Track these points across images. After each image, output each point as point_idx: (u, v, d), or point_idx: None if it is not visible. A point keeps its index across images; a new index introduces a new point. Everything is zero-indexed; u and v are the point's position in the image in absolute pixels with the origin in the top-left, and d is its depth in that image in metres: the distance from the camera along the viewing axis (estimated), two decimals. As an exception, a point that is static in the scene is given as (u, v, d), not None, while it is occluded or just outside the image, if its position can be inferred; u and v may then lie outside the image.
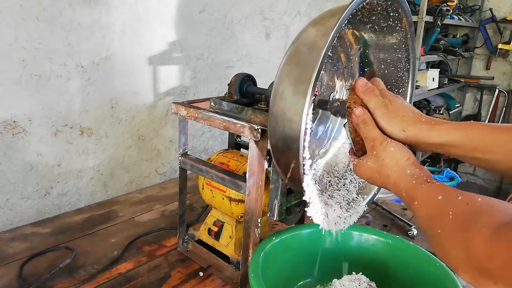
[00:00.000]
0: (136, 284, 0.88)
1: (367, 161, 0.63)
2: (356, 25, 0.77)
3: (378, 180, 0.62)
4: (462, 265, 0.44)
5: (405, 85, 0.81)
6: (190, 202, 1.28)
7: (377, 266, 0.81)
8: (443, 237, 0.47)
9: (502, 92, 3.90)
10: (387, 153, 0.60)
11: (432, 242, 0.50)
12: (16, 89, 1.05)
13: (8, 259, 0.94)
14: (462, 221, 0.45)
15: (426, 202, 0.53)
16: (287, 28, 1.96)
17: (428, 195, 0.53)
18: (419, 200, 0.54)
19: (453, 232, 0.46)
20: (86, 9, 1.14)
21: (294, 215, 0.83)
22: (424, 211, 0.53)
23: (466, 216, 0.45)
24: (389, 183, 0.60)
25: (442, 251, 0.48)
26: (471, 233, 0.42)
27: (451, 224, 0.46)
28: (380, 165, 0.61)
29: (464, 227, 0.44)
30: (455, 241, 0.45)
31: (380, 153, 0.61)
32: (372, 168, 0.62)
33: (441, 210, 0.49)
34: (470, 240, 0.42)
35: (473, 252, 0.41)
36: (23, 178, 1.12)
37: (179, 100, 1.20)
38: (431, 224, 0.50)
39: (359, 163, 0.65)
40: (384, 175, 0.60)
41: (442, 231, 0.47)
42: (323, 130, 0.87)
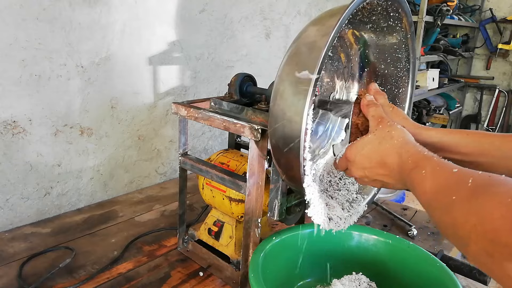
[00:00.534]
0: (136, 284, 0.88)
1: (367, 136, 0.60)
2: (356, 25, 0.77)
3: (375, 155, 0.58)
4: (475, 235, 0.39)
5: (405, 85, 0.81)
6: (190, 202, 1.28)
7: (377, 266, 0.81)
8: (458, 204, 0.42)
9: (502, 92, 3.91)
10: (394, 127, 0.58)
11: (439, 212, 0.45)
12: (16, 89, 1.05)
13: (8, 259, 0.94)
14: (484, 189, 0.40)
15: (438, 172, 0.48)
16: (287, 28, 1.96)
17: (440, 166, 0.49)
18: (429, 168, 0.49)
19: (472, 199, 0.41)
20: (86, 9, 1.14)
21: (294, 215, 0.83)
22: (434, 180, 0.48)
23: (489, 185, 0.41)
24: (391, 154, 0.56)
25: (453, 220, 0.42)
26: (492, 202, 0.38)
27: (470, 191, 0.41)
28: (383, 136, 0.57)
29: (485, 194, 0.40)
30: (472, 209, 0.40)
31: (386, 127, 0.58)
32: (372, 142, 0.59)
33: (458, 178, 0.45)
34: (490, 209, 0.38)
35: (492, 222, 0.37)
36: (23, 178, 1.12)
37: (179, 100, 1.20)
38: (441, 193, 0.45)
39: (355, 142, 0.61)
40: (385, 147, 0.57)
41: (457, 198, 0.42)
42: (323, 130, 0.87)
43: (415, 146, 0.55)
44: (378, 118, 0.61)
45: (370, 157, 0.58)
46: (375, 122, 0.61)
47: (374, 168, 0.58)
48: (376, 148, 0.58)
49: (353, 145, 0.61)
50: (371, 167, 0.59)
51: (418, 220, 1.24)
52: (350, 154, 0.61)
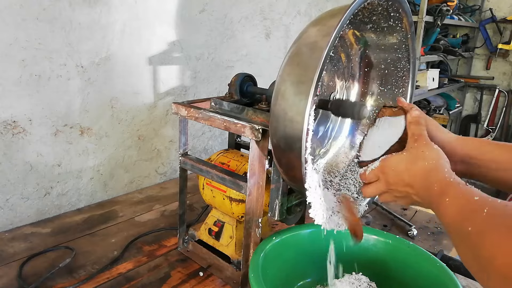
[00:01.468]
0: (136, 284, 0.87)
1: (402, 153, 0.61)
2: (357, 25, 0.77)
3: (407, 173, 0.59)
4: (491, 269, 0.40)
5: (405, 85, 0.81)
6: (190, 202, 1.28)
7: (377, 266, 0.81)
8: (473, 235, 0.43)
9: (502, 92, 3.91)
10: (429, 148, 0.59)
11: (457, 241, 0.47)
12: (16, 89, 1.05)
13: (8, 259, 0.94)
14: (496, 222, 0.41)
15: (459, 199, 0.49)
16: (287, 28, 1.96)
17: (463, 193, 0.50)
18: (452, 195, 0.51)
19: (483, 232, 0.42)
20: (86, 9, 1.14)
21: (294, 215, 0.83)
22: (454, 208, 0.49)
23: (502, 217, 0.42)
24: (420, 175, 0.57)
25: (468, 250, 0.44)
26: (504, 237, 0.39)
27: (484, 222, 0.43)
28: (417, 155, 0.58)
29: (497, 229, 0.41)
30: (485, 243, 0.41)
31: (421, 146, 0.59)
32: (407, 159, 0.59)
33: (474, 208, 0.46)
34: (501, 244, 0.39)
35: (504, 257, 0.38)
36: (23, 178, 1.12)
37: (179, 100, 1.20)
38: (459, 222, 0.47)
39: (390, 156, 0.62)
40: (417, 166, 0.57)
41: (473, 229, 0.43)
42: (323, 130, 0.87)
43: (443, 172, 0.55)
44: (416, 136, 0.61)
45: (402, 176, 0.59)
46: (412, 140, 0.61)
47: (404, 187, 0.59)
48: (408, 168, 0.59)
49: (388, 160, 0.62)
50: (402, 185, 0.60)
51: (418, 220, 1.24)
52: (385, 167, 0.62)
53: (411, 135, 0.62)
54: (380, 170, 0.63)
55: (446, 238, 1.14)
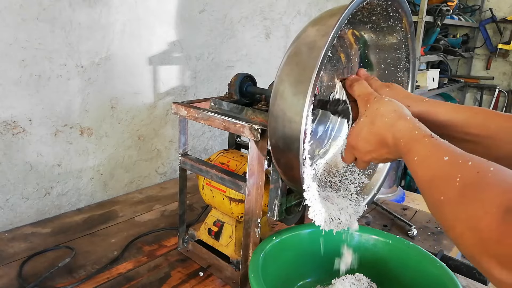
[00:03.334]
0: (136, 284, 0.87)
1: (360, 119, 0.58)
2: (356, 25, 0.77)
3: (372, 137, 0.56)
4: (464, 240, 0.39)
5: (405, 85, 0.81)
6: (190, 202, 1.28)
7: (377, 266, 0.81)
8: (446, 206, 0.42)
9: (502, 92, 3.90)
10: (382, 103, 0.56)
11: (431, 206, 0.46)
12: (16, 89, 1.05)
13: (8, 259, 0.94)
14: (470, 194, 0.40)
15: (429, 160, 0.47)
16: (287, 28, 1.96)
17: (431, 152, 0.47)
18: (420, 156, 0.48)
19: (458, 204, 0.41)
20: (86, 9, 1.14)
21: (294, 215, 0.83)
22: (425, 170, 0.47)
23: (474, 188, 0.40)
24: (385, 133, 0.54)
25: (443, 220, 0.43)
26: (479, 211, 0.38)
27: (457, 193, 0.41)
28: (375, 115, 0.56)
29: (471, 201, 0.40)
30: (459, 214, 0.40)
31: (374, 104, 0.57)
32: (366, 124, 0.57)
33: (446, 173, 0.44)
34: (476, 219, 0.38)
35: (480, 231, 0.37)
36: (23, 178, 1.12)
37: (179, 100, 1.20)
38: (432, 187, 0.45)
39: (352, 129, 0.60)
40: (378, 126, 0.55)
41: (445, 199, 0.42)
42: (323, 130, 0.87)
43: (406, 122, 0.53)
44: (365, 97, 0.59)
45: (369, 139, 0.57)
46: (363, 102, 0.59)
47: (377, 150, 0.57)
48: (371, 130, 0.57)
49: (351, 132, 0.61)
50: (374, 149, 0.58)
51: (418, 220, 1.24)
52: (351, 141, 0.61)
53: (358, 98, 0.61)
54: (349, 148, 0.62)
55: (446, 238, 1.14)
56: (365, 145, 0.58)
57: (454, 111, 0.58)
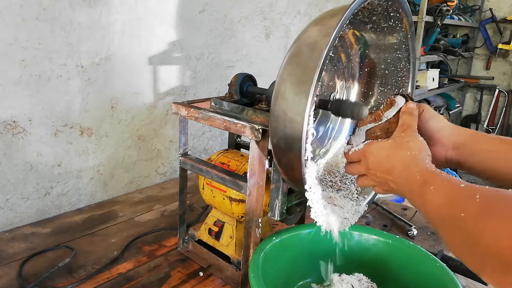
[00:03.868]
0: (136, 284, 0.87)
1: (388, 140, 0.61)
2: (357, 25, 0.77)
3: (387, 160, 0.58)
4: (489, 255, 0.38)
5: (405, 85, 0.81)
6: (190, 202, 1.28)
7: (377, 266, 0.81)
8: (467, 222, 0.41)
9: (502, 92, 3.91)
10: (414, 139, 0.59)
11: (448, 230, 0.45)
12: (16, 89, 1.05)
13: (8, 259, 0.94)
14: (492, 205, 0.40)
15: (445, 187, 0.48)
16: (287, 28, 1.96)
17: (448, 181, 0.48)
18: (437, 184, 0.49)
19: (480, 217, 0.40)
20: (86, 9, 1.14)
21: (294, 215, 0.83)
22: (441, 194, 0.48)
23: (496, 200, 0.40)
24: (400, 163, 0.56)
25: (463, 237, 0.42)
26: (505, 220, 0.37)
27: (478, 207, 0.41)
28: (401, 144, 0.58)
29: (494, 211, 0.39)
30: (484, 228, 0.39)
31: (408, 137, 0.59)
32: (390, 147, 0.59)
33: (464, 195, 0.44)
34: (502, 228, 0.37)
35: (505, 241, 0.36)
36: (23, 178, 1.12)
37: (179, 100, 1.20)
38: (449, 209, 0.45)
39: (375, 141, 0.62)
40: (399, 155, 0.57)
41: (466, 215, 0.42)
42: (323, 130, 0.87)
43: (424, 163, 0.55)
44: (405, 126, 0.61)
45: (382, 162, 0.59)
46: (400, 129, 0.61)
47: (383, 173, 0.59)
48: (389, 155, 0.59)
49: (372, 144, 0.62)
50: (379, 170, 0.59)
51: (418, 220, 1.24)
52: (367, 151, 0.62)
53: (401, 124, 0.62)
54: (362, 152, 0.63)
55: (446, 238, 1.14)
56: (375, 162, 0.60)
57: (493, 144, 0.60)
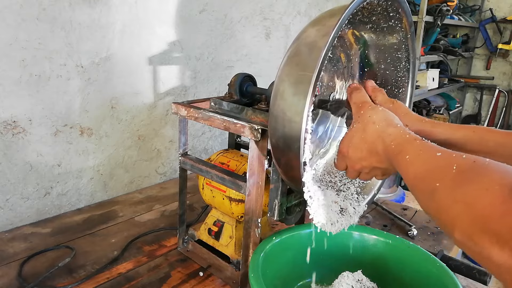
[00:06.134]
0: (136, 284, 0.87)
1: (352, 126, 0.59)
2: (356, 25, 0.77)
3: (363, 144, 0.56)
4: (460, 222, 0.38)
5: (405, 85, 0.81)
6: (190, 202, 1.28)
7: (377, 266, 0.81)
8: (442, 190, 0.41)
9: (502, 92, 3.91)
10: (375, 111, 0.57)
11: (425, 198, 0.45)
12: (16, 89, 1.05)
13: (8, 259, 0.94)
14: (469, 176, 0.40)
15: (422, 156, 0.47)
16: (287, 28, 1.96)
17: (423, 150, 0.48)
18: (412, 153, 0.48)
19: (456, 187, 0.40)
20: (86, 9, 1.14)
21: (294, 215, 0.83)
22: (418, 165, 0.47)
23: (473, 171, 0.40)
24: (375, 140, 0.55)
25: (437, 206, 0.42)
26: (480, 189, 0.37)
27: (454, 177, 0.41)
28: (366, 122, 0.57)
29: (470, 181, 0.39)
30: (457, 196, 0.39)
31: (367, 111, 0.58)
32: (357, 131, 0.58)
33: (441, 164, 0.44)
34: (477, 196, 0.37)
35: (480, 209, 0.36)
36: (23, 178, 1.12)
37: (179, 100, 1.20)
38: (426, 179, 0.45)
39: (345, 135, 0.61)
40: (370, 133, 0.56)
41: (441, 185, 0.42)
42: (323, 130, 0.87)
43: (396, 128, 0.54)
44: (359, 104, 0.60)
45: (360, 147, 0.58)
46: (357, 109, 0.60)
47: (367, 158, 0.57)
48: (362, 137, 0.57)
49: (343, 139, 0.61)
50: (364, 157, 0.58)
51: (418, 220, 1.24)
52: (342, 148, 0.61)
53: (353, 104, 0.61)
54: (340, 156, 0.62)
55: (446, 238, 1.14)
56: (355, 152, 0.59)
57: (452, 130, 0.59)
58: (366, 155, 0.57)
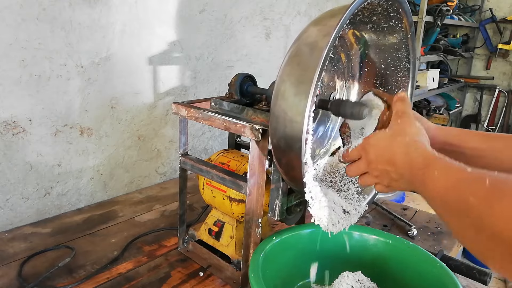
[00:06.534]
0: (136, 284, 0.87)
1: (385, 130, 0.59)
2: (357, 25, 0.77)
3: (387, 149, 0.57)
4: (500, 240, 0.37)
5: (405, 85, 0.81)
6: (190, 202, 1.28)
7: (377, 266, 0.81)
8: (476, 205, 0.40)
9: (502, 92, 3.91)
10: (411, 124, 0.58)
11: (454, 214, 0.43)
12: (16, 89, 1.05)
13: (8, 259, 0.94)
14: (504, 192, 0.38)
15: (451, 171, 0.46)
16: (287, 28, 1.96)
17: (453, 165, 0.47)
18: (441, 167, 0.47)
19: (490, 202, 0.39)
20: (86, 9, 1.14)
21: (294, 215, 0.83)
22: (447, 179, 0.46)
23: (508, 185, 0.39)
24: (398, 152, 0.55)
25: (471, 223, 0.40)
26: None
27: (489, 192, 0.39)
28: (399, 131, 0.57)
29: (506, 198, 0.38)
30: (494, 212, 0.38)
31: (404, 123, 0.58)
32: (388, 137, 0.58)
33: (472, 178, 0.42)
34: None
35: None
36: (23, 178, 1.12)
37: (179, 100, 1.20)
38: (456, 194, 0.43)
39: (373, 134, 0.61)
40: (397, 142, 0.56)
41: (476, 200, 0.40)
42: (323, 130, 0.87)
43: (424, 146, 0.54)
44: (400, 113, 0.60)
45: (383, 151, 0.58)
46: (396, 117, 0.60)
47: (382, 164, 0.58)
48: (388, 144, 0.57)
49: (371, 137, 0.61)
50: (381, 162, 0.58)
51: (418, 220, 1.24)
52: (366, 144, 0.61)
53: (395, 112, 0.61)
54: (361, 147, 0.62)
55: (446, 238, 1.14)
56: (375, 153, 0.59)
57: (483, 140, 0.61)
58: (384, 160, 0.57)
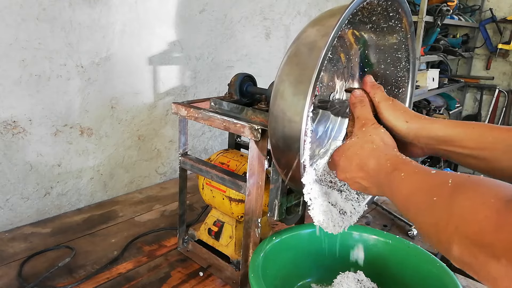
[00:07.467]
0: (136, 284, 0.88)
1: (351, 138, 0.60)
2: (356, 25, 0.77)
3: (355, 158, 0.58)
4: (457, 237, 0.38)
5: (405, 85, 0.81)
6: (190, 202, 1.28)
7: (377, 266, 0.81)
8: (438, 205, 0.42)
9: (502, 92, 3.90)
10: (377, 131, 0.59)
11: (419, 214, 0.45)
12: (16, 89, 1.05)
13: (8, 259, 0.94)
14: (464, 190, 0.40)
15: (417, 174, 0.48)
16: (287, 28, 1.96)
17: (419, 169, 0.49)
18: (407, 171, 0.50)
19: (452, 200, 0.40)
20: (86, 9, 1.14)
21: (294, 215, 0.83)
22: (412, 182, 0.48)
23: (469, 186, 0.41)
24: (368, 159, 0.56)
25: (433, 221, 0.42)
26: (475, 203, 0.38)
27: (450, 191, 0.41)
28: (365, 140, 0.58)
29: (466, 196, 0.39)
30: (453, 210, 0.40)
31: (369, 130, 0.59)
32: (354, 145, 0.59)
33: (437, 180, 0.45)
34: (473, 210, 0.38)
35: (476, 223, 0.37)
36: (23, 178, 1.12)
37: (179, 100, 1.20)
38: (421, 195, 0.45)
39: (341, 145, 0.62)
40: (365, 150, 0.57)
41: (438, 199, 0.42)
42: (323, 130, 0.87)
43: (393, 151, 0.56)
44: (363, 120, 0.61)
45: (352, 160, 0.59)
46: (359, 124, 0.61)
47: (354, 171, 0.58)
48: (357, 152, 0.58)
49: (339, 148, 0.62)
50: (351, 170, 0.59)
51: (418, 220, 1.24)
52: (335, 156, 0.62)
53: (356, 119, 0.62)
54: (332, 161, 0.63)
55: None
56: (345, 163, 0.59)
57: (451, 126, 0.60)
58: (354, 168, 0.58)
